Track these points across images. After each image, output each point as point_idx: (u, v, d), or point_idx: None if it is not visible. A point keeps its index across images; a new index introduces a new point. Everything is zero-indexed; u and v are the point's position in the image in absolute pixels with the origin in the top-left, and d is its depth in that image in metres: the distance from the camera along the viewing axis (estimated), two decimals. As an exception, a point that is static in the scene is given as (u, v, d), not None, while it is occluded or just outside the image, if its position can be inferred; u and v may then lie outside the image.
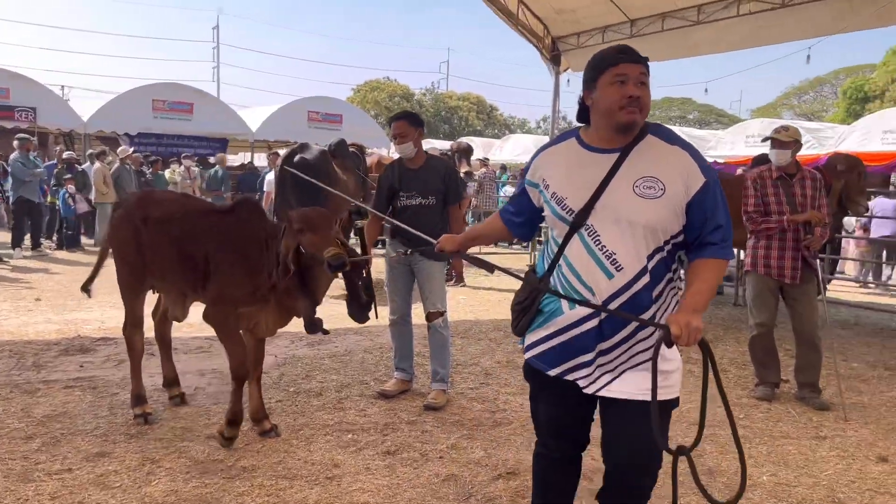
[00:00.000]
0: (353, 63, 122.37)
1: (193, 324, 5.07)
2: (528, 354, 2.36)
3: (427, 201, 4.47)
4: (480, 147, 23.32)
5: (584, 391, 2.22)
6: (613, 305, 2.13)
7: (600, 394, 2.21)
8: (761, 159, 6.42)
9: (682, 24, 9.52)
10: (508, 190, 14.39)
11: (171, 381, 4.40)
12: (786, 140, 4.73)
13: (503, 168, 17.41)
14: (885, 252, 10.17)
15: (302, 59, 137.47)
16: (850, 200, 6.35)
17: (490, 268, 2.61)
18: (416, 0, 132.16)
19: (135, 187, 13.40)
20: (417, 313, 4.75)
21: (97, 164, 12.84)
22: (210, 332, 4.18)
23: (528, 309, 2.33)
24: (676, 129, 20.33)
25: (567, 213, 2.19)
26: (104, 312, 6.92)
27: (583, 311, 2.17)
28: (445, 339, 4.59)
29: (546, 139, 16.61)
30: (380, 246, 7.92)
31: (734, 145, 16.36)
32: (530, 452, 3.70)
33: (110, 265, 4.28)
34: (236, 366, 3.67)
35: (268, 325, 3.80)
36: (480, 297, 8.57)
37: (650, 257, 2.13)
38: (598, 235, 2.14)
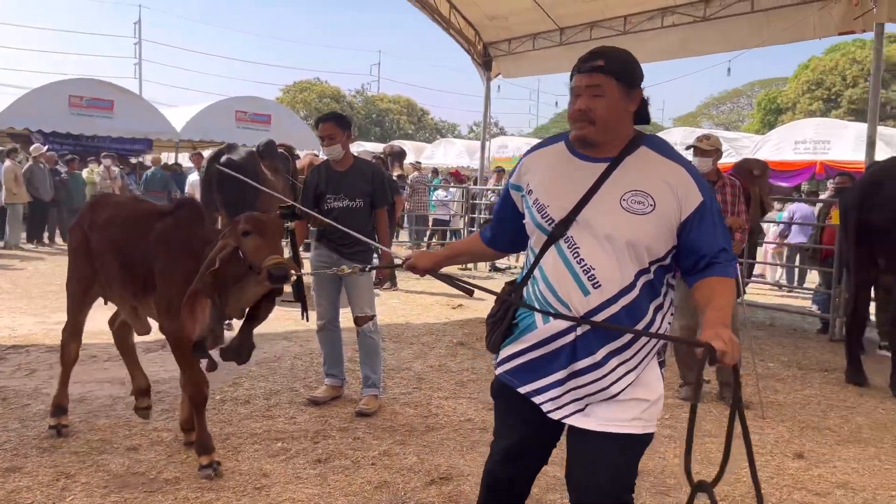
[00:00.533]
0: (282, 63, 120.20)
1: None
2: (500, 370, 2.19)
3: (354, 204, 4.42)
4: (412, 151, 23.32)
5: (550, 415, 2.06)
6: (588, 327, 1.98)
7: (566, 422, 2.06)
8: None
9: (610, 33, 9.76)
10: (440, 194, 14.39)
11: (142, 390, 4.00)
12: (707, 149, 4.91)
13: (435, 172, 17.44)
14: (798, 257, 10.68)
15: (229, 58, 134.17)
16: (764, 202, 6.66)
17: (469, 290, 2.52)
18: (348, 1, 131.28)
19: (49, 187, 12.77)
20: (346, 318, 4.68)
21: (7, 163, 12.18)
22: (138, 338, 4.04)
23: (500, 322, 2.18)
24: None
25: (547, 221, 2.04)
26: (14, 319, 6.54)
27: (558, 326, 2.00)
28: (376, 343, 4.55)
29: (477, 144, 16.75)
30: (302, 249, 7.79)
31: (658, 153, 16.93)
32: (463, 457, 3.73)
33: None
34: (194, 391, 3.39)
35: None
36: (413, 301, 8.55)
37: (636, 277, 1.97)
38: (578, 248, 1.99)
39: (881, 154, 11.81)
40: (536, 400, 2.07)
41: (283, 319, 6.93)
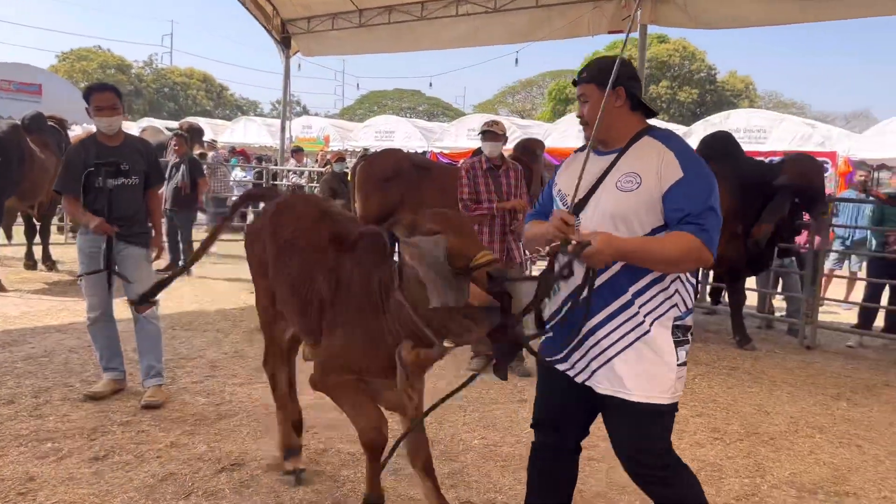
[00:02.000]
0: (58, 27, 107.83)
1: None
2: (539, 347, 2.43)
3: (130, 181, 4.15)
4: (210, 128, 22.16)
5: (576, 380, 2.28)
6: (587, 291, 2.18)
7: (589, 384, 2.25)
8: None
9: (407, 18, 9.94)
10: (239, 174, 13.87)
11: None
12: (500, 133, 5.21)
13: (233, 151, 16.71)
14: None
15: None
16: (543, 178, 7.11)
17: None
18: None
19: None
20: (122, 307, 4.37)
21: None
22: None
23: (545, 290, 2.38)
24: (406, 121, 21.09)
25: (565, 206, 2.33)
26: None
27: (561, 296, 2.29)
28: (158, 330, 4.32)
29: (277, 122, 16.34)
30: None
31: (458, 137, 17.60)
32: (256, 442, 3.67)
33: None
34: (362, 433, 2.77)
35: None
36: (207, 288, 8.17)
37: None
38: (579, 226, 2.24)
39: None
40: (562, 367, 2.33)
41: (57, 310, 6.32)
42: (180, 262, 8.85)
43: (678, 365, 2.20)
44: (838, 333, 7.05)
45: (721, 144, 6.39)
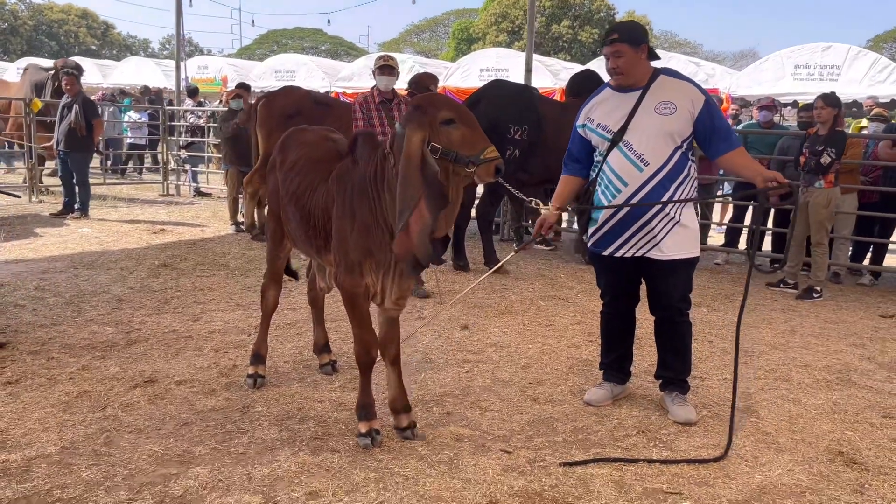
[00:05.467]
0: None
1: None
2: (590, 244, 3.45)
3: None
4: (97, 69, 21.00)
5: (635, 256, 3.27)
6: (643, 192, 3.18)
7: (647, 256, 3.25)
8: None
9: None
10: (133, 115, 13.40)
11: (321, 347, 3.90)
12: (394, 67, 5.44)
13: (122, 93, 15.99)
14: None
15: None
16: None
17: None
18: None
19: None
20: None
21: None
22: None
23: (584, 212, 3.59)
24: (308, 59, 20.67)
25: (608, 133, 3.25)
26: None
27: (619, 201, 3.21)
28: None
29: (171, 63, 15.75)
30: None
31: (361, 77, 17.47)
32: (168, 362, 3.89)
33: None
34: (361, 352, 3.02)
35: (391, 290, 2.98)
36: (108, 229, 8.08)
37: (671, 155, 3.18)
38: (631, 144, 3.20)
39: (541, 80, 13.61)
40: (618, 254, 3.31)
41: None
42: (76, 206, 8.67)
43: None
44: (709, 252, 7.80)
45: (586, 81, 6.88)
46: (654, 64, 3.34)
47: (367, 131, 3.49)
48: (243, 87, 9.40)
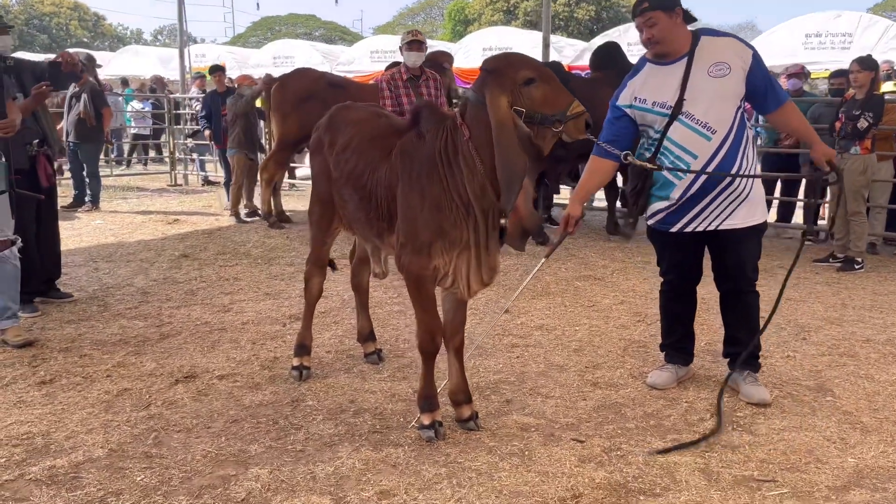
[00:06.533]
0: None
1: None
2: (651, 221, 3.24)
3: None
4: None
5: (706, 230, 3.08)
6: (714, 163, 2.98)
7: (721, 228, 3.06)
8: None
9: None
10: (136, 104, 13.17)
11: (366, 335, 3.70)
12: (424, 41, 5.22)
13: (125, 82, 15.71)
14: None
15: None
16: (451, 89, 7.16)
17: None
18: None
19: None
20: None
21: None
22: None
23: (642, 191, 3.16)
24: (306, 44, 20.37)
25: (666, 109, 3.01)
26: None
27: (689, 178, 3.00)
28: (17, 269, 3.90)
29: (170, 52, 15.47)
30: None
31: (360, 60, 17.20)
32: (205, 356, 3.72)
33: None
34: (424, 339, 2.82)
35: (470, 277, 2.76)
36: (121, 220, 7.88)
37: (734, 117, 2.99)
38: (693, 115, 2.98)
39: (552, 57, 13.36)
40: (688, 229, 3.10)
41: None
42: (87, 198, 8.47)
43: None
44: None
45: (609, 54, 6.67)
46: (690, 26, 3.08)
47: (430, 103, 3.30)
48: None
